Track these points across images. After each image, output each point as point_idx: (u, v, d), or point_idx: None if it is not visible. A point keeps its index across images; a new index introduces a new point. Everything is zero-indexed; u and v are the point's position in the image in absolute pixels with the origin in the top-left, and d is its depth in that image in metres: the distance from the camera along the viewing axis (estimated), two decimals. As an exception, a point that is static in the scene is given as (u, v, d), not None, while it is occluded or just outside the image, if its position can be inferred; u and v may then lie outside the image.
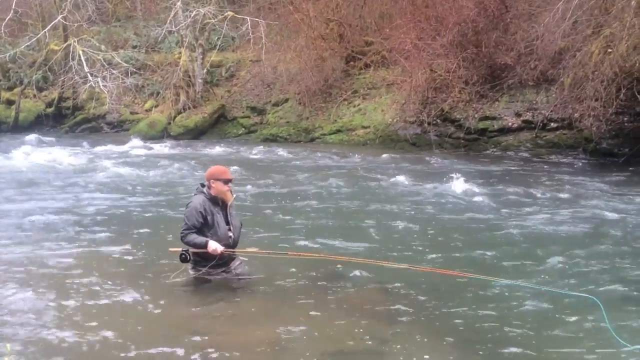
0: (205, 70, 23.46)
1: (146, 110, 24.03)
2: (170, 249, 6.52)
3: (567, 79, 14.61)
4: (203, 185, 6.41)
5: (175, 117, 22.87)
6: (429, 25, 18.91)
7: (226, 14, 22.19)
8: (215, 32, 23.76)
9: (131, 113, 24.12)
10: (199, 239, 6.19)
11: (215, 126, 23.05)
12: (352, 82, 21.51)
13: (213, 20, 22.25)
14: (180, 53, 23.78)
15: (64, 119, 25.03)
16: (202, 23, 22.52)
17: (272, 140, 21.10)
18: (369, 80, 21.18)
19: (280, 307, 5.98)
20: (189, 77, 23.31)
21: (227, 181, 6.37)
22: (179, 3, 22.14)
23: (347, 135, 19.85)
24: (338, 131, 20.19)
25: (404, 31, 19.23)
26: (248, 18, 21.59)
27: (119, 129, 24.04)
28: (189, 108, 22.98)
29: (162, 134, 22.44)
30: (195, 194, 6.42)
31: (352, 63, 22.01)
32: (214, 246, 6.13)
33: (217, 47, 23.65)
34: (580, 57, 14.15)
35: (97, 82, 21.37)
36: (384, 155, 16.38)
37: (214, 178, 6.35)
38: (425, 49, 18.46)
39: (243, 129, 22.65)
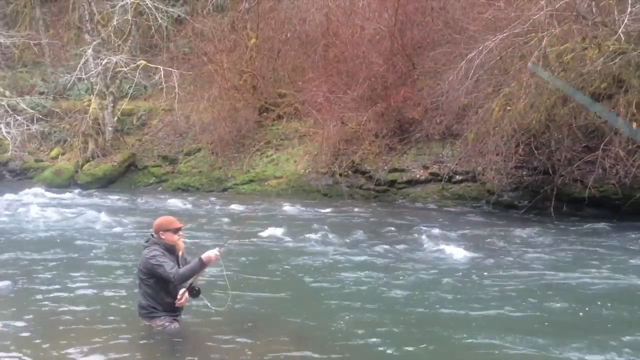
0: (115, 119, 23.05)
1: (52, 158, 23.26)
2: (178, 302, 6.23)
3: (470, 134, 15.23)
4: (152, 236, 6.33)
5: (83, 165, 22.25)
6: (341, 79, 19.42)
7: (138, 62, 22.02)
8: (127, 80, 23.47)
9: (36, 161, 23.27)
10: (191, 265, 6.10)
11: (125, 175, 22.56)
12: (265, 132, 21.67)
13: (125, 69, 22.01)
14: (90, 100, 23.30)
15: (-38, 166, 23.84)
16: (114, 71, 22.22)
17: (183, 189, 20.84)
18: (282, 132, 21.42)
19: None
20: (99, 124, 22.82)
21: (177, 230, 6.33)
22: (89, 51, 21.81)
23: (260, 185, 19.88)
24: (251, 181, 20.19)
25: (316, 84, 19.67)
26: (161, 67, 21.50)
27: (22, 177, 23.08)
28: (98, 156, 22.44)
29: (68, 183, 21.72)
30: (148, 246, 6.29)
31: (265, 114, 22.22)
32: (210, 254, 6.03)
33: (129, 95, 23.34)
34: (482, 114, 14.82)
35: (0, 128, 20.56)
36: (286, 206, 16.47)
37: (163, 229, 6.29)
38: (336, 102, 18.91)
39: (154, 178, 22.27)
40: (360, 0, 20.77)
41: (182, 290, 6.21)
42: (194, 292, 6.21)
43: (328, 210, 15.91)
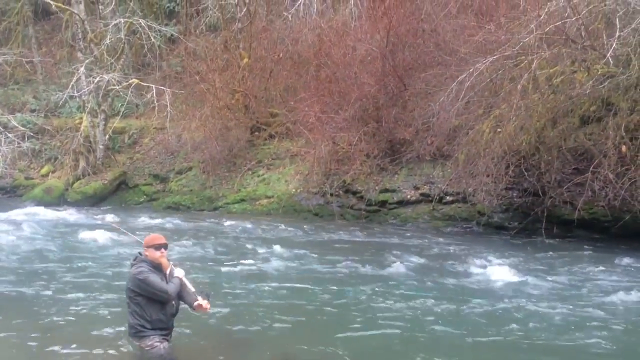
0: (107, 137, 23.03)
1: (42, 176, 23.19)
2: (207, 306, 6.32)
3: (461, 155, 15.28)
4: (139, 254, 6.40)
5: (73, 183, 22.17)
6: (332, 99, 19.50)
7: (131, 81, 22.05)
8: (119, 98, 23.49)
9: (26, 178, 23.20)
10: (173, 282, 6.32)
11: (116, 193, 22.49)
12: (256, 152, 21.69)
13: (117, 87, 22.03)
14: (81, 118, 23.28)
15: (-49, 183, 23.69)
16: (106, 89, 22.24)
17: (174, 208, 20.78)
18: (273, 151, 21.44)
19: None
20: (90, 142, 22.79)
21: (158, 247, 6.35)
22: (82, 69, 21.83)
23: (251, 204, 19.85)
24: (242, 200, 20.15)
25: (308, 104, 19.73)
26: (153, 86, 21.53)
27: (12, 194, 22.99)
28: (89, 174, 22.38)
29: (58, 201, 21.61)
30: (135, 264, 6.32)
31: (256, 133, 22.25)
32: (178, 274, 6.41)
33: (121, 113, 23.34)
34: (472, 135, 14.89)
35: (-10, 145, 20.52)
36: (281, 225, 16.45)
37: (146, 246, 6.38)
38: (328, 122, 18.97)
39: (145, 196, 22.21)
40: (352, 22, 20.98)
41: (200, 298, 6.35)
42: (208, 296, 6.41)
43: (318, 229, 15.90)
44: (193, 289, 6.39)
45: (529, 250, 13.22)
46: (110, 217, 17.95)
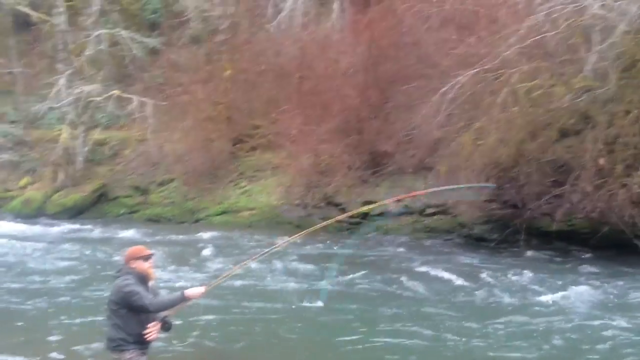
0: (87, 148, 22.85)
1: (21, 188, 22.93)
2: (149, 337, 5.97)
3: (442, 167, 15.34)
4: (123, 267, 6.23)
5: (52, 195, 21.96)
6: (315, 111, 19.52)
7: (112, 92, 21.93)
8: (100, 110, 23.32)
9: (4, 190, 22.92)
10: (172, 296, 6.00)
11: (96, 205, 22.28)
12: (238, 164, 21.63)
13: (98, 99, 21.88)
14: (61, 130, 23.09)
15: None
16: (86, 101, 22.09)
17: (155, 220, 20.64)
18: (256, 163, 21.40)
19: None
20: (70, 154, 22.60)
21: (147, 258, 6.23)
22: (62, 80, 21.70)
23: (233, 216, 19.78)
24: (224, 212, 20.08)
25: (290, 116, 19.73)
26: (135, 97, 21.43)
27: (-10, 206, 22.69)
28: (68, 186, 22.18)
29: (37, 213, 21.38)
30: (120, 276, 6.17)
31: (239, 145, 22.19)
32: (195, 291, 5.92)
33: (102, 125, 23.17)
34: (453, 148, 14.98)
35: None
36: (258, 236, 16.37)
37: (133, 258, 6.16)
38: (310, 134, 18.97)
39: (125, 208, 22.02)
40: (334, 34, 21.05)
41: (153, 323, 6.12)
42: (166, 326, 6.10)
43: (301, 242, 15.87)
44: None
45: (507, 261, 13.30)
46: (88, 229, 17.81)
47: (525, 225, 14.51)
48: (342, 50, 19.64)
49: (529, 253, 14.22)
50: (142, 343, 6.17)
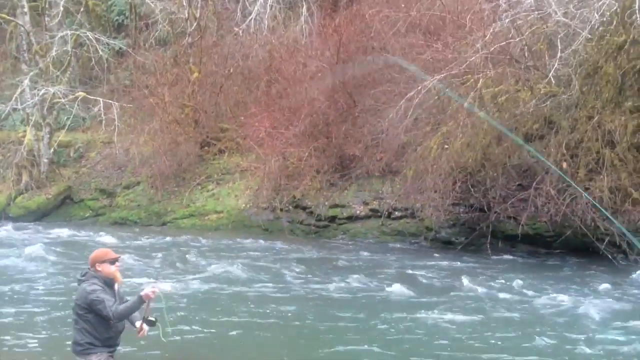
0: (52, 150, 22.50)
1: (-18, 191, 22.45)
2: (140, 334, 5.96)
3: (409, 171, 15.47)
4: (89, 270, 6.09)
5: (16, 197, 21.58)
6: (283, 115, 19.53)
7: (77, 94, 21.64)
8: (65, 111, 22.96)
9: (-34, 192, 22.42)
10: (130, 302, 5.86)
11: (60, 208, 21.94)
12: (206, 167, 21.51)
13: (63, 100, 21.56)
14: (25, 131, 22.69)
15: None
16: (51, 102, 21.76)
17: (121, 223, 20.40)
18: (223, 166, 21.30)
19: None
20: (34, 156, 22.22)
21: (113, 261, 6.10)
22: (26, 81, 21.35)
23: (200, 219, 19.66)
24: (191, 215, 19.95)
25: (258, 119, 19.70)
26: (101, 99, 21.19)
27: (-51, 210, 22.18)
28: (32, 189, 21.80)
29: (0, 216, 21.00)
30: (85, 280, 6.03)
31: (206, 148, 22.07)
32: (147, 291, 5.75)
33: (67, 126, 22.80)
34: (420, 152, 15.13)
35: None
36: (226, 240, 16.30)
37: (99, 262, 6.00)
38: (278, 137, 18.98)
39: (90, 211, 21.72)
40: (303, 38, 21.10)
41: (138, 323, 6.04)
42: (150, 323, 6.01)
43: (267, 245, 15.85)
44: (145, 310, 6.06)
45: (473, 264, 13.47)
46: (52, 232, 17.53)
47: (491, 228, 14.72)
48: (311, 54, 19.72)
49: (495, 256, 14.41)
50: (109, 346, 6.11)
